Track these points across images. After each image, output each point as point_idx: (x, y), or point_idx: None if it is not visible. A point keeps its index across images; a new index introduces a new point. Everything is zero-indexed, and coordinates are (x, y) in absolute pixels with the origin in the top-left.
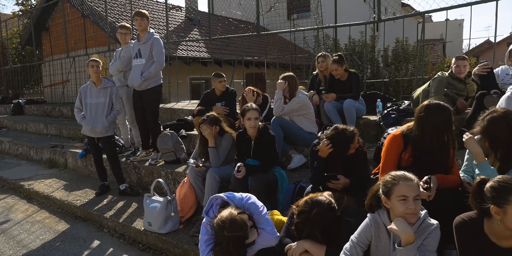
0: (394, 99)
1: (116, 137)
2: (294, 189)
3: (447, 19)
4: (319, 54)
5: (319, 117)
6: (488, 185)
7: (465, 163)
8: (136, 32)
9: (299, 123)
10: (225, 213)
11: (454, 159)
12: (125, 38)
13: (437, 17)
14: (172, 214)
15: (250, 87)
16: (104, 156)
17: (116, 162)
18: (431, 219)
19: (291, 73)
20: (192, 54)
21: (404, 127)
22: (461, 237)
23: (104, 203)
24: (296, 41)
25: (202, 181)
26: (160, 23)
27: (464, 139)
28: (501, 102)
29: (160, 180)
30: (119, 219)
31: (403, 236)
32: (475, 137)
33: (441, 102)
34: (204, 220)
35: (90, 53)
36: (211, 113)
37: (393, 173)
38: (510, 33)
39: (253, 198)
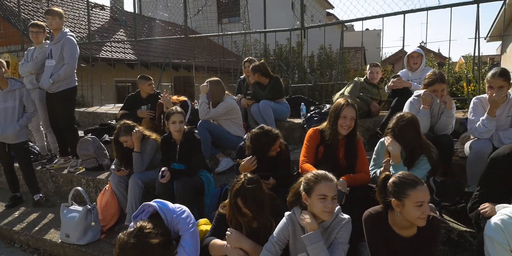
0: (317, 103)
1: (31, 144)
2: (220, 192)
3: (362, 30)
4: (246, 59)
5: (247, 121)
6: (390, 180)
7: (372, 162)
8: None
9: (226, 127)
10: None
11: (365, 158)
12: (38, 37)
13: (359, 27)
14: (93, 223)
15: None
16: (16, 164)
17: (29, 170)
18: (344, 214)
19: (216, 78)
20: (117, 56)
21: (323, 124)
22: (368, 229)
23: (16, 216)
24: (226, 45)
25: (125, 187)
26: (82, 22)
27: (386, 142)
28: (405, 106)
29: (79, 188)
30: (32, 232)
31: (307, 226)
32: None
33: (348, 98)
34: (131, 224)
35: (1, 52)
36: (122, 122)
37: (316, 172)
38: (420, 43)
39: (186, 213)
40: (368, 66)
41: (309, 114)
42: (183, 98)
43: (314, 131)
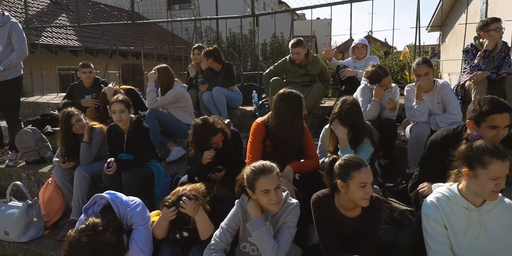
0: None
1: None
2: (171, 181)
3: (312, 19)
4: (195, 45)
5: (198, 109)
6: (337, 163)
7: (318, 149)
8: None
9: (176, 115)
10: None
11: (312, 144)
12: None
13: (310, 16)
14: (35, 219)
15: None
16: None
17: None
18: (292, 199)
19: (164, 65)
20: (59, 42)
21: (266, 116)
22: (316, 211)
23: None
24: (176, 32)
25: (70, 180)
26: (18, 5)
27: (333, 126)
28: (357, 93)
29: (18, 182)
30: None
31: (251, 214)
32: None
33: (293, 91)
34: (81, 217)
35: None
36: (63, 111)
37: (253, 165)
38: (367, 32)
39: (141, 207)
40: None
41: (260, 102)
42: (127, 86)
43: (259, 124)
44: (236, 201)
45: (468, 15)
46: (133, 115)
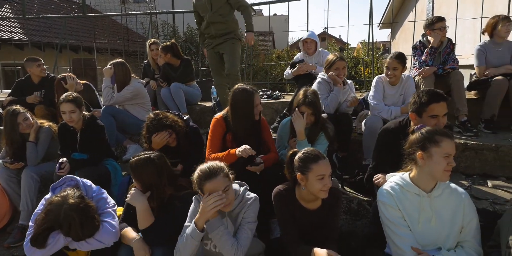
0: (228, 86)
1: None
2: (128, 180)
3: (269, 15)
4: (151, 41)
5: (156, 105)
6: (297, 156)
7: (276, 144)
8: None
9: (133, 112)
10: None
11: (271, 138)
12: None
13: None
14: None
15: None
16: None
17: None
18: (250, 194)
19: (121, 60)
20: (2, 35)
21: (225, 110)
22: (277, 205)
23: None
24: (131, 26)
25: (17, 183)
26: None
27: (292, 118)
28: (314, 88)
29: None
30: None
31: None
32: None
33: (248, 87)
34: (48, 195)
35: None
36: (8, 109)
37: (200, 169)
38: (323, 29)
39: (106, 194)
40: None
41: (219, 98)
42: (83, 81)
43: (218, 120)
44: (194, 197)
45: (416, 13)
46: (86, 113)
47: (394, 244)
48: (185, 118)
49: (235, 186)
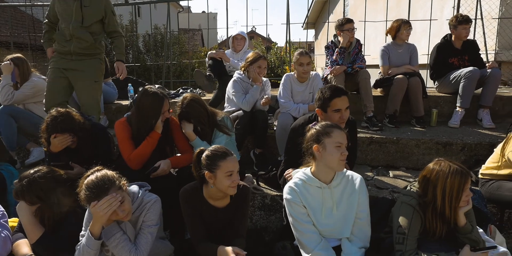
0: (146, 84)
1: None
2: None
3: (187, 11)
4: None
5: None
6: (204, 154)
7: None
8: None
9: (36, 111)
10: None
11: (184, 139)
12: None
13: (196, 9)
14: None
15: None
16: None
17: None
18: (151, 195)
19: (19, 55)
20: None
21: (130, 112)
22: (184, 204)
23: None
24: (39, 17)
25: None
26: None
27: (182, 126)
28: (229, 86)
29: None
30: None
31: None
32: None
33: (158, 91)
34: None
35: None
36: None
37: (87, 185)
38: (252, 27)
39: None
40: None
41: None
42: None
43: (121, 123)
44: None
45: (336, 15)
46: None
47: (298, 240)
48: (89, 117)
49: (133, 188)
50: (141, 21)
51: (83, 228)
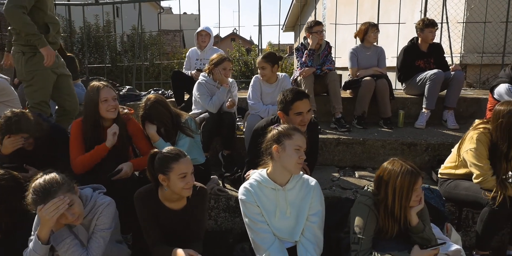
0: (117, 85)
1: None
2: None
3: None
4: None
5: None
6: (157, 156)
7: None
8: None
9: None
10: None
11: (144, 141)
12: None
13: (177, 10)
14: None
15: None
16: None
17: None
18: (105, 197)
19: None
20: None
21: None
22: (139, 207)
23: None
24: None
25: None
26: None
27: (145, 126)
28: (195, 88)
29: None
30: None
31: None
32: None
33: (99, 83)
34: None
35: None
36: None
37: (34, 188)
38: (233, 30)
39: None
40: None
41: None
42: None
43: (77, 124)
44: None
45: (313, 18)
46: None
47: (253, 241)
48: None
49: (86, 191)
50: (119, 22)
51: (32, 232)
